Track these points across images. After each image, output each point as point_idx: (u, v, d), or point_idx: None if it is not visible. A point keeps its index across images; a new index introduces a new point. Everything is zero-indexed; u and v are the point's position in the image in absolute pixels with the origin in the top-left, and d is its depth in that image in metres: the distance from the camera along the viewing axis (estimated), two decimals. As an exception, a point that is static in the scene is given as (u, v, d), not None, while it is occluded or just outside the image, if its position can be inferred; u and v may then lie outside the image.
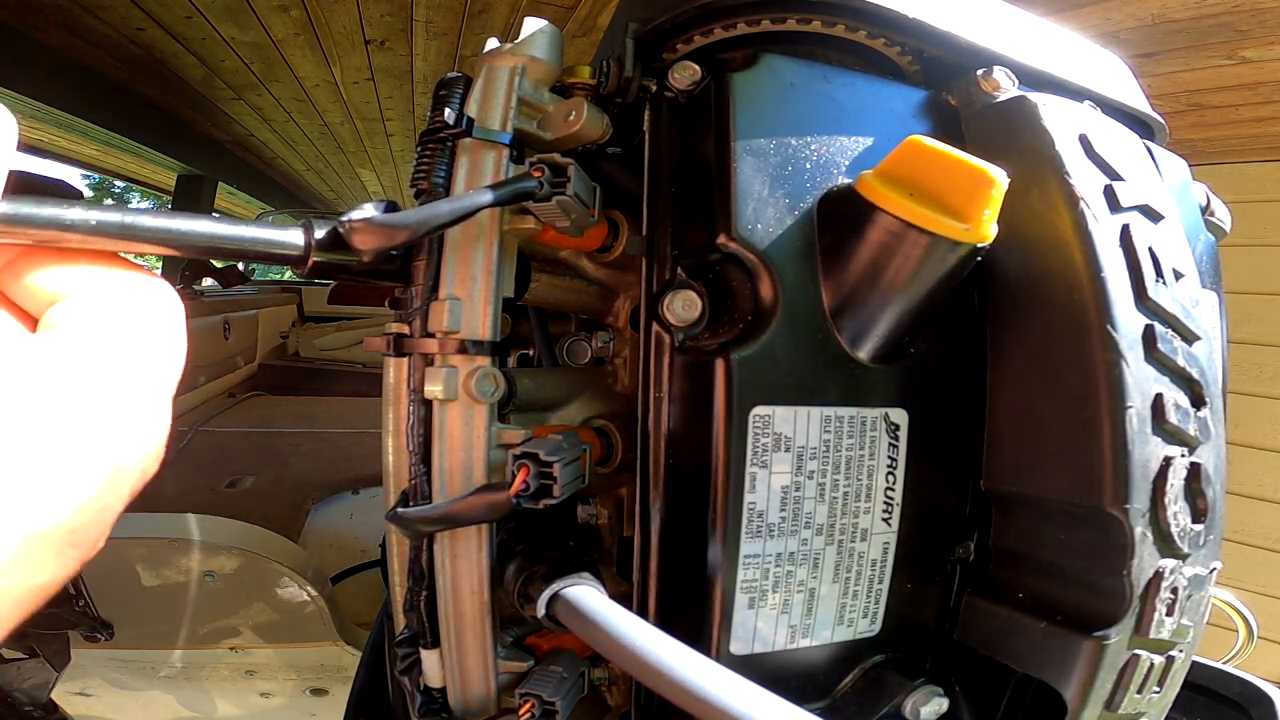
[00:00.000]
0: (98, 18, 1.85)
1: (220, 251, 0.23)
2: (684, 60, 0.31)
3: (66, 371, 0.19)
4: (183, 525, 1.48)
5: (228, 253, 0.23)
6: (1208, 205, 0.38)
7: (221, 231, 0.22)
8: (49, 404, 0.18)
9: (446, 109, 0.30)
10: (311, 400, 2.82)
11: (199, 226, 0.22)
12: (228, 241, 0.23)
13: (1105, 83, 0.37)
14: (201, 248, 0.22)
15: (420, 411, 0.29)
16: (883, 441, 0.29)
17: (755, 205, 0.28)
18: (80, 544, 0.18)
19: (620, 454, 0.33)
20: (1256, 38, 1.18)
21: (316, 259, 0.25)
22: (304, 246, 0.24)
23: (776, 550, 0.28)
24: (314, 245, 0.25)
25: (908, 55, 0.35)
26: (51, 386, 0.18)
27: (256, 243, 0.23)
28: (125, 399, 0.19)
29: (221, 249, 0.23)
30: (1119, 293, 0.27)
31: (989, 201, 0.26)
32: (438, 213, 0.26)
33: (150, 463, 0.20)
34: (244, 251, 0.23)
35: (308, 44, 2.03)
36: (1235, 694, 0.43)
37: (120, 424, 0.19)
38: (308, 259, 0.24)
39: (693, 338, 0.29)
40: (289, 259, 0.24)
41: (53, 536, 0.17)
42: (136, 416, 0.20)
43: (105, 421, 0.19)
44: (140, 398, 0.20)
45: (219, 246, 0.22)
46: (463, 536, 0.29)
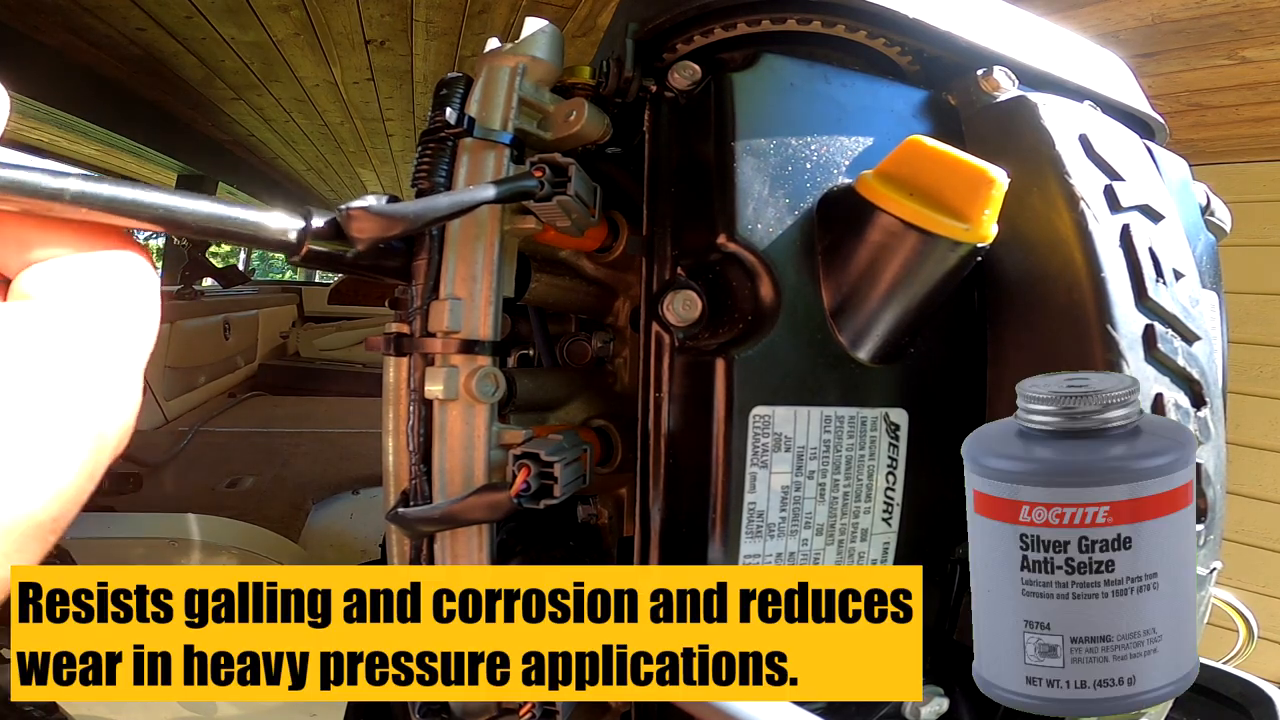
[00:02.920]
0: (98, 18, 1.85)
1: (210, 231, 0.22)
2: (684, 60, 0.31)
3: (43, 345, 0.18)
4: (183, 525, 1.48)
5: (218, 233, 0.22)
6: (1208, 205, 0.38)
7: (214, 211, 0.22)
8: (28, 381, 0.17)
9: (447, 109, 0.30)
10: (311, 400, 2.82)
11: (190, 204, 0.21)
12: (219, 222, 0.22)
13: (1105, 83, 0.37)
14: (190, 225, 0.21)
15: (420, 411, 0.29)
16: (883, 441, 0.29)
17: (755, 205, 0.28)
18: (61, 528, 0.18)
19: (620, 454, 0.33)
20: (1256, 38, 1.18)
21: (312, 247, 0.24)
22: (299, 233, 0.24)
23: (777, 550, 0.28)
24: (309, 233, 0.24)
25: (908, 55, 0.35)
26: (29, 361, 0.18)
27: (249, 225, 0.23)
28: (102, 371, 0.19)
29: (212, 228, 0.22)
30: (1119, 293, 0.27)
31: (989, 201, 0.26)
32: (436, 205, 0.26)
33: (124, 437, 0.19)
34: (235, 234, 0.22)
35: (308, 44, 2.03)
36: (1235, 694, 0.43)
37: (98, 398, 0.18)
38: (302, 246, 0.24)
39: (693, 338, 0.29)
40: (282, 245, 0.24)
41: (40, 525, 0.17)
42: (113, 390, 0.19)
43: (84, 397, 0.18)
44: (116, 370, 0.19)
45: (210, 226, 0.22)
46: (463, 536, 0.29)
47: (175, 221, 0.21)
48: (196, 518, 1.50)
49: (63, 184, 0.19)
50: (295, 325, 3.54)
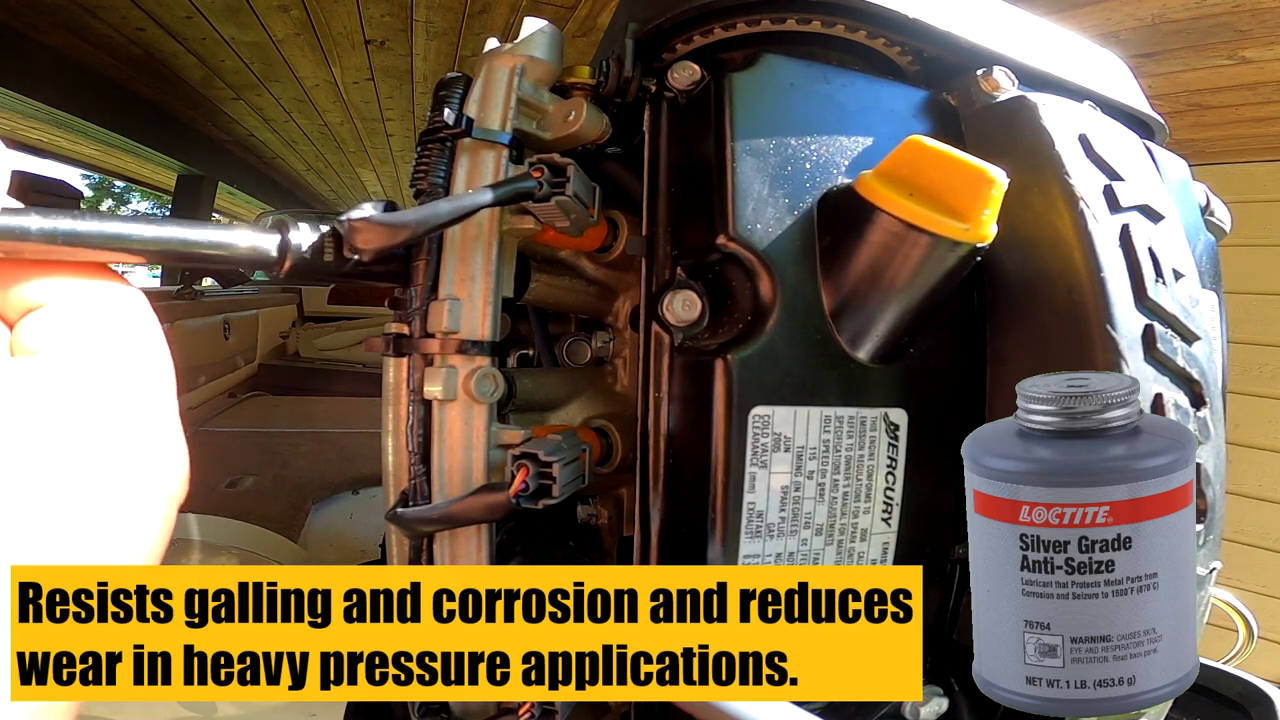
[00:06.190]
0: (98, 18, 1.85)
1: (177, 257, 0.21)
2: (684, 60, 0.31)
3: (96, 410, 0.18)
4: (183, 525, 1.48)
5: (186, 259, 0.21)
6: (1208, 205, 0.38)
7: (180, 235, 0.20)
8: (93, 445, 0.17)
9: (446, 109, 0.30)
10: (311, 400, 2.82)
11: (151, 231, 0.20)
12: (187, 247, 0.21)
13: (1105, 82, 0.37)
14: (155, 254, 0.20)
15: (420, 412, 0.29)
16: (882, 441, 0.29)
17: (755, 205, 0.28)
18: None
19: (620, 454, 0.33)
20: (1256, 38, 1.18)
21: (297, 261, 0.23)
22: (278, 252, 0.23)
23: (776, 550, 0.28)
24: (289, 247, 0.23)
25: (908, 55, 0.35)
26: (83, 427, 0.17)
27: (220, 247, 0.21)
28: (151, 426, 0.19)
29: (177, 254, 0.21)
30: (1119, 293, 0.27)
31: (989, 201, 0.26)
32: (437, 212, 0.26)
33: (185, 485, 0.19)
34: (208, 257, 0.21)
35: (308, 44, 2.03)
36: (1235, 694, 0.43)
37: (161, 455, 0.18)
38: (283, 263, 0.23)
39: (692, 338, 0.29)
40: (259, 262, 0.23)
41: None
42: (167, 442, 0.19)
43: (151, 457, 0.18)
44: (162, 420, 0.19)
45: (175, 251, 0.20)
46: (462, 537, 0.29)
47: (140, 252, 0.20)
48: (196, 518, 1.50)
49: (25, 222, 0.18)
50: (295, 325, 3.54)
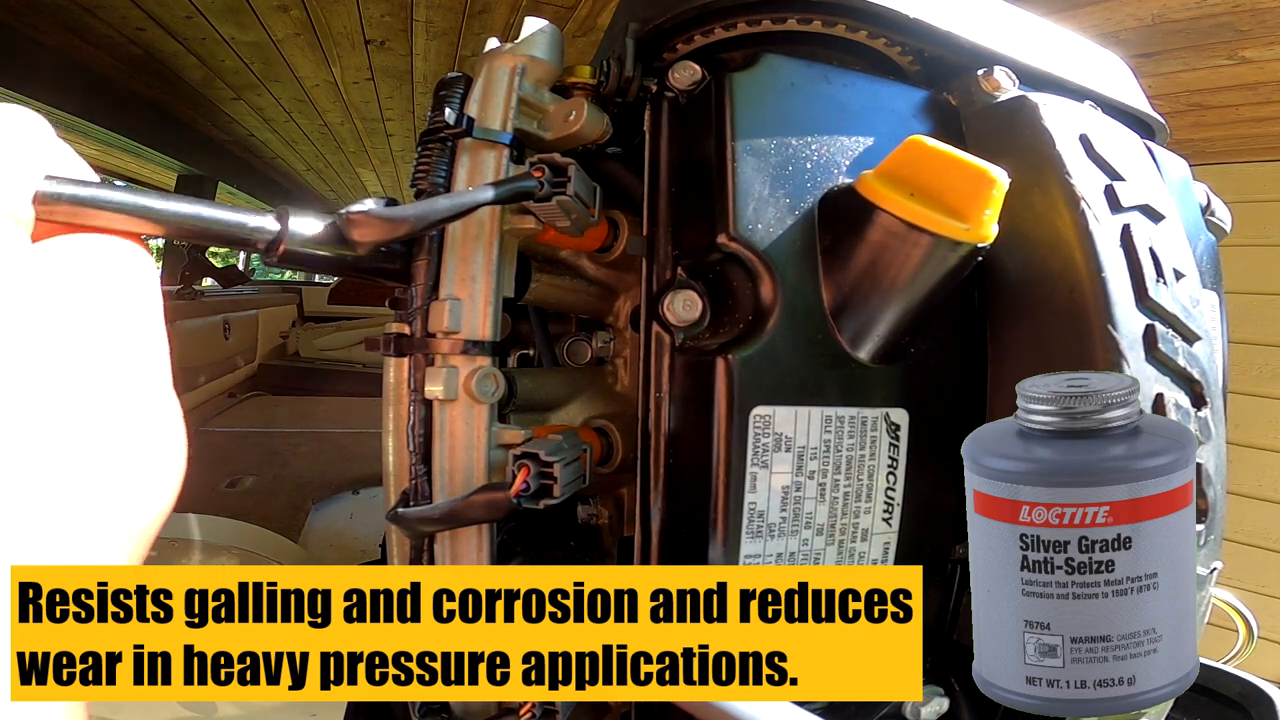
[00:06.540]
0: (98, 18, 1.85)
1: (183, 228, 0.22)
2: (684, 60, 0.31)
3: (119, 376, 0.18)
4: (183, 525, 1.48)
5: (191, 233, 0.22)
6: (1208, 205, 0.38)
7: (187, 209, 0.22)
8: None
9: (446, 109, 0.30)
10: (311, 400, 2.82)
11: (164, 204, 0.21)
12: (191, 221, 0.22)
13: (1105, 82, 0.37)
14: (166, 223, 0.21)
15: (420, 411, 0.29)
16: (883, 441, 0.29)
17: (756, 205, 0.28)
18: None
19: (620, 454, 0.33)
20: (1256, 38, 1.18)
21: (292, 249, 0.24)
22: (275, 234, 0.24)
23: (777, 550, 0.28)
24: (285, 235, 0.24)
25: (908, 55, 0.35)
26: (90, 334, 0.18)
27: (222, 224, 0.22)
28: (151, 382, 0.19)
29: (183, 225, 0.22)
30: (1119, 293, 0.27)
31: (990, 201, 0.26)
32: (436, 208, 0.26)
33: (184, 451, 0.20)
34: (211, 232, 0.22)
35: (308, 44, 2.02)
36: (1235, 694, 0.43)
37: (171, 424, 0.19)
38: (279, 246, 0.24)
39: (693, 338, 0.29)
40: (257, 246, 0.24)
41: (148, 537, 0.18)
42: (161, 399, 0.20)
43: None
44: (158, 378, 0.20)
45: (182, 223, 0.21)
46: (463, 536, 0.29)
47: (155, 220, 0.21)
48: (196, 518, 1.50)
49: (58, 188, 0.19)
50: (295, 325, 3.54)
